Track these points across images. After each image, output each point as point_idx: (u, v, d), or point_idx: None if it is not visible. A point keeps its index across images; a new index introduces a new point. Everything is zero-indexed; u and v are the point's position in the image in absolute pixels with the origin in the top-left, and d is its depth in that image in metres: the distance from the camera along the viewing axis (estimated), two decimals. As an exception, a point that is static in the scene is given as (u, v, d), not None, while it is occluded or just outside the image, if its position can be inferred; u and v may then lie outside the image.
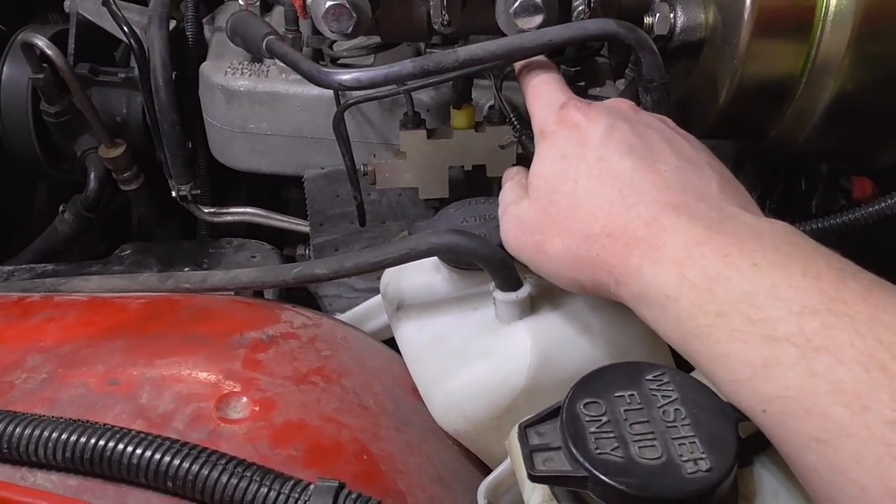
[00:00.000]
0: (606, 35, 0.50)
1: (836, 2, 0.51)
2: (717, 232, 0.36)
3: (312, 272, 0.52)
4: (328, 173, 0.86)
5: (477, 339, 0.50)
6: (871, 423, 0.28)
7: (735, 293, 0.33)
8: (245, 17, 0.61)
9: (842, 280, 0.31)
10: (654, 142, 0.44)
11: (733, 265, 0.34)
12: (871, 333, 0.29)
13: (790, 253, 0.34)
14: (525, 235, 0.45)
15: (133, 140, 0.92)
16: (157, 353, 0.47)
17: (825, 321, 0.30)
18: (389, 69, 0.50)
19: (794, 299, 0.31)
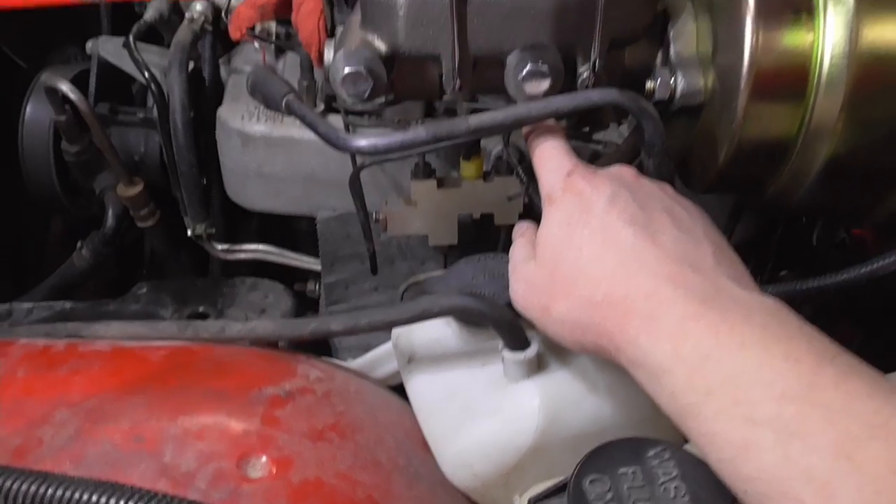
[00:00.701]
0: (610, 103, 0.52)
1: (829, 68, 0.53)
2: (711, 307, 0.38)
3: (328, 328, 0.55)
4: (340, 216, 0.88)
5: (486, 396, 0.52)
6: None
7: (723, 373, 0.35)
8: (265, 74, 0.63)
9: (820, 365, 0.33)
10: (655, 211, 0.46)
11: (723, 344, 0.36)
12: (843, 422, 0.31)
13: (776, 333, 0.36)
14: (532, 296, 0.48)
15: (150, 178, 0.95)
16: (179, 408, 0.49)
17: (801, 408, 0.32)
18: (404, 136, 0.52)
19: (775, 383, 0.33)
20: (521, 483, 0.49)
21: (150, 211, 0.94)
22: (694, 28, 0.59)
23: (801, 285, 0.55)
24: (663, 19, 0.61)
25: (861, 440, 0.30)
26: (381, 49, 0.56)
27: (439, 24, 0.55)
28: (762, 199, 0.61)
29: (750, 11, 0.52)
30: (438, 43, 0.55)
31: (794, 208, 0.61)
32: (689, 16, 0.60)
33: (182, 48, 0.86)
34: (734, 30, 0.54)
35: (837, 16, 0.52)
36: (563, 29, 0.55)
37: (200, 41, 0.95)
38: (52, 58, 1.04)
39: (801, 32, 0.52)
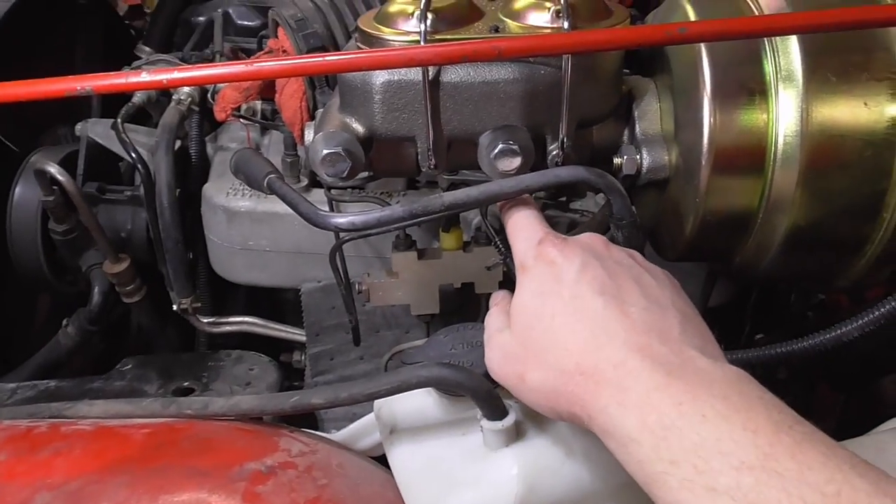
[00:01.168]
0: (578, 181, 0.55)
1: (783, 145, 0.56)
2: (676, 378, 0.40)
3: (309, 402, 0.55)
4: (324, 287, 0.90)
5: (465, 465, 0.53)
6: None
7: (686, 444, 0.36)
8: (248, 154, 0.65)
9: (777, 434, 0.35)
10: (624, 281, 0.47)
11: (686, 415, 0.37)
12: (797, 492, 0.32)
13: (736, 404, 0.37)
14: (508, 365, 0.49)
15: (136, 254, 0.97)
16: (161, 487, 0.49)
17: (759, 478, 0.33)
18: (381, 214, 0.54)
19: (734, 453, 0.35)
20: (501, 554, 0.49)
21: (136, 287, 0.96)
22: (657, 108, 0.63)
23: (769, 351, 0.56)
24: (628, 100, 0.64)
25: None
26: (359, 131, 0.59)
27: (414, 107, 0.57)
28: (730, 268, 0.64)
29: (707, 94, 0.55)
30: (413, 125, 0.58)
31: (762, 276, 0.63)
32: (653, 96, 0.63)
33: (169, 129, 0.89)
34: (693, 110, 0.57)
35: (788, 97, 0.55)
36: (531, 111, 0.58)
37: (187, 120, 0.98)
38: (43, 139, 1.06)
39: (756, 112, 0.56)
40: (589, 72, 0.58)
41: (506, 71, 0.57)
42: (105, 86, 0.55)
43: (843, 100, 0.54)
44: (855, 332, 0.52)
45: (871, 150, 0.54)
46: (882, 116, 0.54)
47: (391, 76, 0.57)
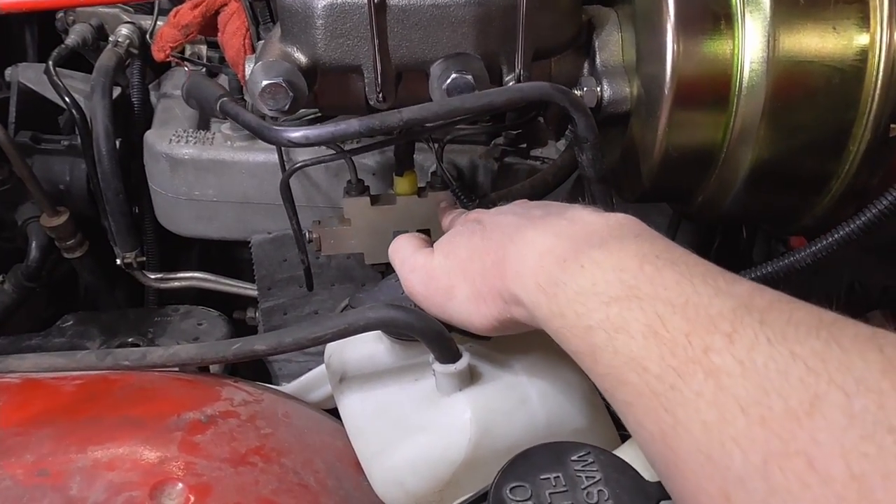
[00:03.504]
0: (543, 97, 0.52)
1: (749, 74, 0.53)
2: (562, 238, 0.42)
3: (252, 348, 0.52)
4: (275, 238, 0.87)
5: (418, 411, 0.51)
6: (649, 380, 0.33)
7: (569, 295, 0.39)
8: (199, 80, 0.62)
9: (640, 267, 0.37)
10: (536, 206, 0.51)
11: (568, 270, 0.40)
12: (652, 309, 0.35)
13: (610, 248, 0.39)
14: (434, 283, 0.49)
15: (77, 207, 0.92)
16: (89, 438, 0.46)
17: (622, 306, 0.36)
18: (336, 127, 0.51)
19: (605, 292, 0.37)
20: (454, 498, 0.47)
21: (77, 242, 0.91)
22: (619, 38, 0.60)
23: (750, 273, 0.55)
24: (588, 29, 0.61)
25: (665, 318, 0.34)
26: (301, 61, 0.55)
27: (359, 34, 0.54)
28: (692, 208, 0.61)
29: (671, 21, 0.53)
30: (359, 53, 0.55)
31: (725, 216, 0.61)
32: (614, 26, 0.60)
33: (105, 72, 0.84)
34: (656, 39, 0.54)
35: (755, 23, 0.53)
36: (486, 39, 0.55)
37: (129, 67, 0.93)
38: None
39: (721, 41, 0.53)
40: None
41: (458, -7, 0.53)
42: None
43: (811, 24, 0.52)
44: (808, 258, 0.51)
45: (838, 77, 0.52)
46: (851, 42, 0.51)
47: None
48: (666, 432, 0.32)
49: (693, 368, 0.32)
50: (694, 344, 0.32)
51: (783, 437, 0.28)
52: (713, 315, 0.33)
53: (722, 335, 0.32)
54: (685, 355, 0.32)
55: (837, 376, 0.28)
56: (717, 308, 0.33)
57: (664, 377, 0.32)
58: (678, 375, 0.32)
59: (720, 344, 0.31)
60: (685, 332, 0.33)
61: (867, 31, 0.51)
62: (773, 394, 0.29)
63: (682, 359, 0.32)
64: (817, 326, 0.30)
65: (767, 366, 0.30)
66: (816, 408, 0.28)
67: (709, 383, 0.31)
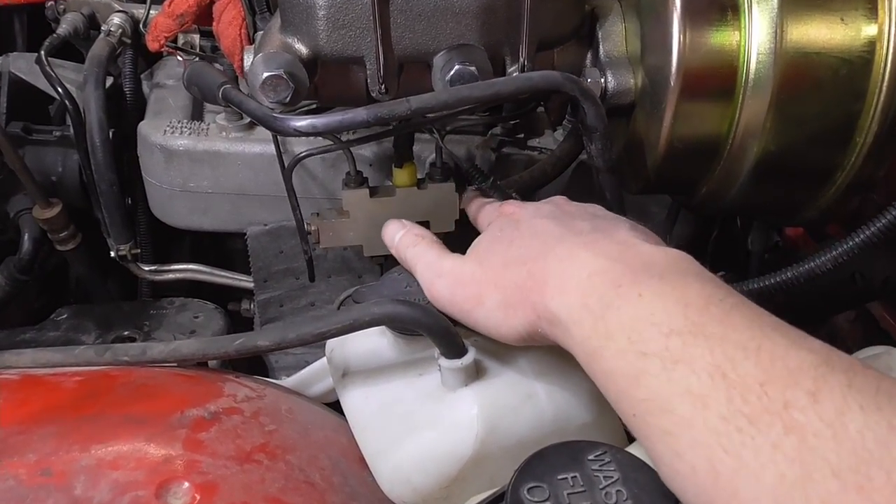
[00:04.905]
0: (552, 86, 0.52)
1: (756, 66, 0.53)
2: (616, 262, 0.41)
3: (255, 344, 0.52)
4: (271, 230, 0.86)
5: (423, 407, 0.50)
6: (708, 417, 0.32)
7: (622, 319, 0.38)
8: (201, 67, 0.61)
9: (707, 306, 0.36)
10: (576, 212, 0.50)
11: (623, 294, 0.39)
12: (721, 349, 0.34)
13: (672, 282, 0.39)
14: (463, 290, 0.48)
15: (69, 198, 0.90)
16: (92, 437, 0.45)
17: (686, 340, 0.35)
18: (344, 115, 0.51)
19: (665, 323, 0.36)
20: (462, 495, 0.47)
21: (70, 234, 0.89)
22: (622, 28, 0.59)
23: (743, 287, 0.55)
24: (591, 20, 0.60)
25: (736, 361, 0.33)
26: (302, 52, 0.54)
27: (361, 25, 0.53)
28: (696, 200, 0.61)
29: (677, 11, 0.52)
30: (361, 45, 0.54)
31: (728, 208, 0.61)
32: (618, 16, 0.59)
33: (98, 62, 0.82)
34: (662, 30, 0.53)
35: (762, 14, 0.52)
36: (489, 29, 0.54)
37: (121, 57, 0.91)
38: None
39: (728, 31, 0.53)
40: (550, -13, 0.54)
41: (461, -16, 0.52)
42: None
43: (819, 15, 0.51)
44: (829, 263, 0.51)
45: (846, 68, 0.51)
46: (859, 33, 0.51)
47: (336, -10, 0.52)
48: (720, 472, 0.31)
49: (770, 420, 0.31)
50: (771, 395, 0.31)
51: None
52: (792, 368, 0.32)
53: (805, 392, 0.31)
54: (760, 405, 0.31)
55: None
56: (796, 361, 0.32)
57: (730, 419, 0.32)
58: (749, 422, 0.31)
59: (804, 402, 0.30)
60: (759, 382, 0.32)
61: (875, 21, 0.51)
62: (874, 465, 0.28)
63: (755, 407, 0.31)
64: None
65: (864, 435, 0.29)
66: None
67: (790, 439, 0.30)
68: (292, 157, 0.80)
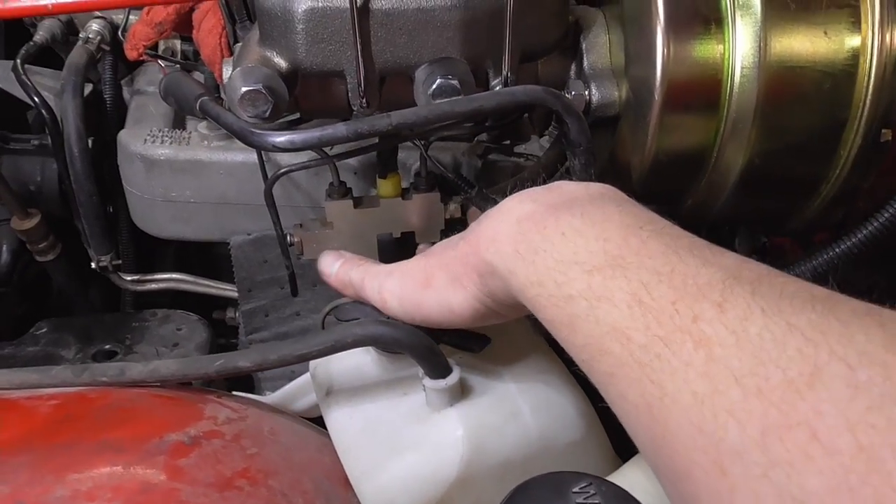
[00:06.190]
0: (535, 101, 0.51)
1: (740, 78, 0.52)
2: (541, 204, 0.41)
3: (235, 365, 0.51)
4: (255, 239, 0.85)
5: (408, 427, 0.50)
6: (633, 350, 0.32)
7: (548, 263, 0.38)
8: (178, 77, 0.60)
9: (625, 238, 0.36)
10: None
11: (548, 238, 0.39)
12: (637, 277, 0.34)
13: (592, 218, 0.38)
14: (410, 280, 0.48)
15: (49, 208, 0.89)
16: (68, 465, 0.44)
17: (605, 274, 0.35)
18: (323, 132, 0.50)
19: (587, 261, 0.36)
20: (446, 520, 0.46)
21: (49, 244, 0.88)
22: (606, 40, 0.59)
23: None
24: (575, 31, 0.60)
25: (650, 286, 0.33)
26: (281, 66, 0.53)
27: (341, 38, 0.52)
28: (682, 211, 0.61)
29: (661, 23, 0.51)
30: (342, 58, 0.53)
31: (714, 219, 0.60)
32: (602, 28, 0.59)
33: (76, 70, 0.81)
34: (646, 42, 0.53)
35: (746, 27, 0.52)
36: (472, 42, 0.53)
37: (100, 63, 0.90)
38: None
39: (712, 44, 0.52)
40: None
41: (443, -3, 0.51)
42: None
43: (802, 28, 0.51)
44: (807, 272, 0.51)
45: (829, 81, 0.51)
46: (842, 46, 0.51)
47: (315, 2, 0.51)
48: (652, 404, 0.31)
49: (681, 337, 0.31)
50: (682, 312, 0.31)
51: (782, 408, 0.27)
52: (701, 284, 0.32)
53: (711, 304, 0.31)
54: (672, 324, 0.31)
55: (838, 348, 0.27)
56: (706, 278, 0.32)
57: (650, 347, 0.31)
58: (665, 345, 0.31)
59: (710, 313, 0.30)
60: (671, 301, 0.32)
61: (858, 34, 0.51)
62: (770, 364, 0.28)
63: (668, 328, 0.31)
64: (811, 300, 0.29)
65: (762, 336, 0.29)
66: (818, 378, 0.27)
67: (699, 353, 0.30)
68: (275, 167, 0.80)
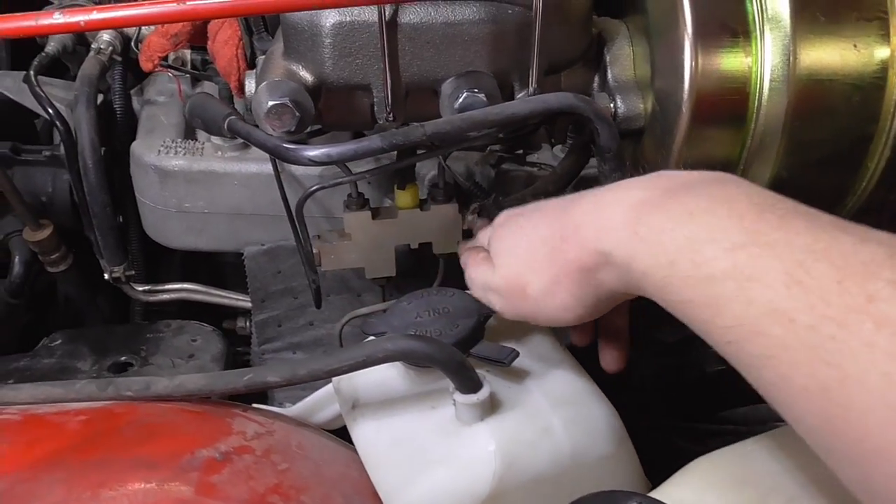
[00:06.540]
0: (567, 108, 0.51)
1: (769, 91, 0.52)
2: (652, 189, 0.40)
3: (264, 380, 0.51)
4: (269, 250, 0.84)
5: (438, 442, 0.49)
6: (798, 331, 0.31)
7: (678, 241, 0.37)
8: (203, 99, 0.60)
9: (761, 214, 0.35)
10: None
11: (673, 217, 0.38)
12: (789, 255, 0.32)
13: (718, 197, 0.37)
14: (512, 293, 0.48)
15: (60, 219, 0.89)
16: (102, 482, 0.44)
17: (751, 252, 0.34)
18: (359, 144, 0.50)
19: (725, 238, 0.35)
20: (478, 535, 0.46)
21: (61, 255, 0.88)
22: (630, 52, 0.59)
23: None
24: (598, 43, 0.60)
25: (807, 265, 0.32)
26: (307, 79, 0.53)
27: (368, 52, 0.52)
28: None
29: (688, 36, 0.51)
30: (368, 72, 0.53)
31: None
32: (625, 40, 0.59)
33: (89, 81, 0.80)
34: (672, 54, 0.53)
35: (775, 40, 0.52)
36: (498, 55, 0.53)
37: (109, 72, 0.89)
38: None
39: (740, 56, 0.52)
40: (559, 10, 0.53)
41: (470, 11, 0.52)
42: (12, 29, 0.48)
43: (832, 41, 0.51)
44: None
45: (859, 94, 0.51)
46: (871, 59, 0.51)
47: (343, 16, 0.51)
48: (830, 386, 0.30)
49: (858, 318, 0.29)
50: (852, 292, 0.30)
51: None
52: (866, 262, 0.30)
53: (885, 282, 0.29)
54: (843, 303, 0.30)
55: None
56: (868, 255, 0.31)
57: (819, 328, 0.30)
58: (838, 326, 0.30)
59: (886, 292, 0.29)
60: (837, 280, 0.30)
61: (888, 47, 0.51)
62: None
63: (839, 308, 0.30)
64: None
65: None
66: None
67: (883, 333, 0.28)
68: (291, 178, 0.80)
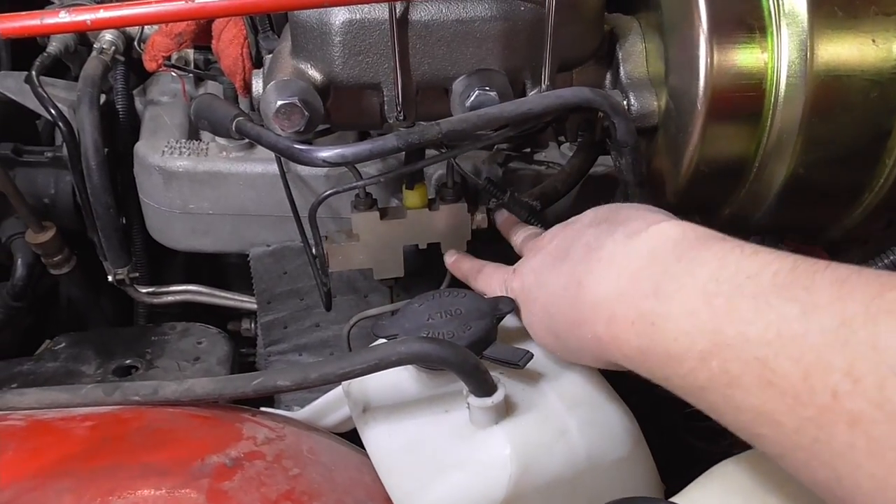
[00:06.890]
0: (583, 102, 0.50)
1: (786, 88, 0.51)
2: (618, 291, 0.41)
3: (274, 384, 0.50)
4: (274, 251, 0.84)
5: (452, 446, 0.48)
6: (788, 434, 0.31)
7: (661, 358, 0.37)
8: (209, 100, 0.59)
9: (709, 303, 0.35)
10: None
11: (644, 333, 0.38)
12: (749, 354, 0.32)
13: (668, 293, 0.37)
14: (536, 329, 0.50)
15: (62, 221, 0.88)
16: (112, 489, 0.43)
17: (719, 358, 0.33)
18: (374, 144, 0.49)
19: (692, 348, 0.35)
20: (495, 541, 0.45)
21: (64, 257, 0.87)
22: (643, 48, 0.58)
23: None
24: (610, 40, 0.59)
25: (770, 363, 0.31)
26: (316, 79, 0.53)
27: (379, 50, 0.51)
28: (719, 221, 0.60)
29: (703, 32, 0.51)
30: (378, 70, 0.52)
31: (752, 230, 0.59)
32: (638, 36, 0.58)
33: (92, 82, 0.79)
34: (687, 50, 0.52)
35: (792, 35, 0.51)
36: (510, 53, 0.52)
37: (112, 72, 0.88)
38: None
39: (756, 52, 0.51)
40: (571, 7, 0.52)
41: (482, 8, 0.51)
42: (16, 28, 0.47)
43: (850, 36, 0.50)
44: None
45: (877, 90, 0.50)
46: (890, 54, 0.50)
47: (353, 14, 0.50)
48: (833, 486, 0.29)
49: (831, 419, 0.29)
50: (818, 389, 0.29)
51: None
52: (818, 346, 0.30)
53: (842, 375, 0.29)
54: (814, 404, 0.29)
55: None
56: (817, 336, 0.30)
57: (804, 431, 0.30)
58: (818, 428, 0.29)
59: (846, 386, 0.29)
60: (801, 377, 0.30)
61: (907, 42, 0.50)
62: None
63: (813, 408, 0.29)
64: None
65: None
66: None
67: (857, 433, 0.28)
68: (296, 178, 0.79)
